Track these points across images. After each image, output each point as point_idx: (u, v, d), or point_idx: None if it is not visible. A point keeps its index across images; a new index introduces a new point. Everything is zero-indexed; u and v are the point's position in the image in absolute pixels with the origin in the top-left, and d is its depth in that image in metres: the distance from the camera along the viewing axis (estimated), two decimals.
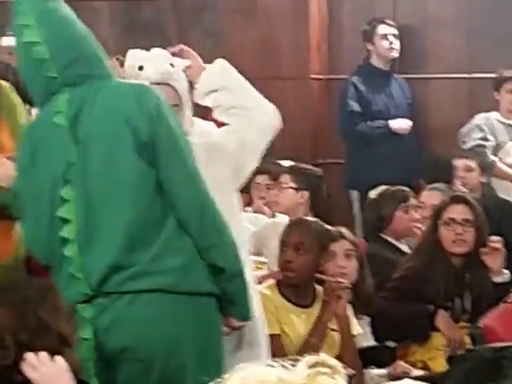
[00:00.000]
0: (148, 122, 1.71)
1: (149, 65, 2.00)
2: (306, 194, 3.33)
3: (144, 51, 2.07)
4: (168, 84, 2.00)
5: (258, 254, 3.21)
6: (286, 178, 3.35)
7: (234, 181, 2.11)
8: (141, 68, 2.00)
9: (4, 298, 1.65)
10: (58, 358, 1.58)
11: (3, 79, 2.17)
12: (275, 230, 2.97)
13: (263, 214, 3.53)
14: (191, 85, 2.12)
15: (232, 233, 1.83)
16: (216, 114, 2.12)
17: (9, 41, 3.10)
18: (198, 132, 2.19)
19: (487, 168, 3.66)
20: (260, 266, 3.18)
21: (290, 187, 3.29)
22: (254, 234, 3.20)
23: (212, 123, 2.60)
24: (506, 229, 3.11)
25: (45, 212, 1.76)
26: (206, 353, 1.78)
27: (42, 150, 1.81)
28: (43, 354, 1.57)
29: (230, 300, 1.81)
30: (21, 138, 1.91)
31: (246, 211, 3.41)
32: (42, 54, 1.71)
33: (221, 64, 2.09)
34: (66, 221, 1.73)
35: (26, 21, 1.74)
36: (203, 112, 2.24)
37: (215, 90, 2.07)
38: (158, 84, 1.96)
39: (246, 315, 1.85)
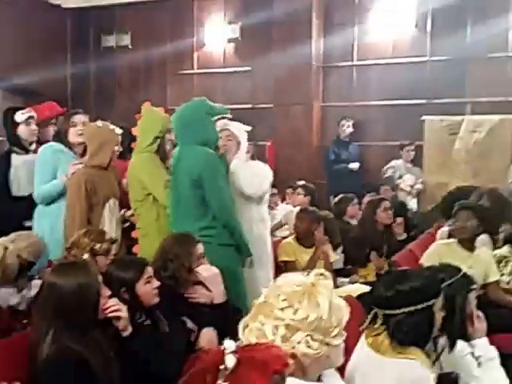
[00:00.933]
0: (199, 171, 3.13)
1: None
2: (308, 197, 5.44)
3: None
4: (228, 129, 3.48)
5: (286, 223, 5.28)
6: (300, 190, 5.56)
7: (252, 201, 3.50)
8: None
9: (182, 241, 2.86)
10: (213, 267, 2.81)
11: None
12: (293, 213, 4.65)
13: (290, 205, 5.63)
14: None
15: (238, 221, 3.24)
16: None
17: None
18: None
19: (395, 187, 6.30)
20: (286, 230, 5.18)
21: (302, 194, 5.54)
22: (285, 214, 5.31)
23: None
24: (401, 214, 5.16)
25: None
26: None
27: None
28: (207, 266, 2.81)
29: (237, 247, 3.26)
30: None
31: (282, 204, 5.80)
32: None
33: None
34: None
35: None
36: None
37: None
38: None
39: (246, 253, 3.28)
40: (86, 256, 2.84)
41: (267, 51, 7.20)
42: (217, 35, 7.75)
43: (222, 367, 1.18)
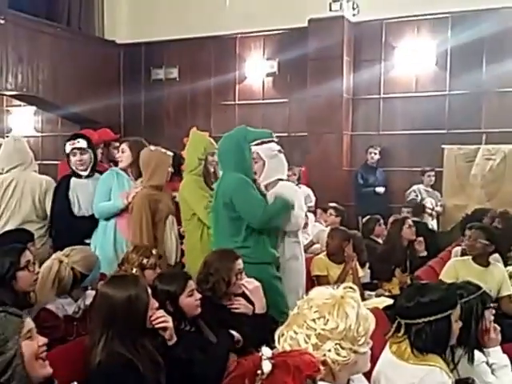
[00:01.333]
0: (230, 195, 3.25)
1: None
2: (339, 218, 5.76)
3: None
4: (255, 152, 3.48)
5: (317, 242, 5.47)
6: (331, 211, 5.92)
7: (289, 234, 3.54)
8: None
9: (222, 257, 2.94)
10: (255, 281, 2.86)
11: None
12: (324, 233, 4.94)
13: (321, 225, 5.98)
14: None
15: (269, 211, 3.26)
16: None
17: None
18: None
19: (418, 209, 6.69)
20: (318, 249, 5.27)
21: (333, 215, 5.90)
22: (316, 233, 5.54)
23: None
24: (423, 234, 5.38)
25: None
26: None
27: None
28: (250, 279, 2.84)
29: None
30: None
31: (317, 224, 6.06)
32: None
33: None
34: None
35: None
36: None
37: None
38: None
39: (288, 207, 3.34)
40: (134, 270, 2.95)
41: (302, 84, 7.77)
42: (256, 70, 8.24)
43: (259, 372, 1.21)
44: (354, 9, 7.69)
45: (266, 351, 1.25)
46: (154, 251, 3.14)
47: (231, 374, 1.29)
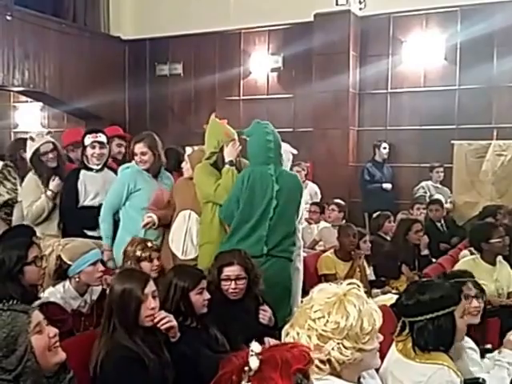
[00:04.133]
0: (299, 192, 3.49)
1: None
2: (341, 213, 5.88)
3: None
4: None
5: (320, 240, 5.62)
6: (333, 206, 5.93)
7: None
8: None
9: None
10: None
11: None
12: (329, 230, 5.47)
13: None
14: None
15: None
16: None
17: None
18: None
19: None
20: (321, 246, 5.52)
21: (336, 211, 5.94)
22: (319, 231, 5.64)
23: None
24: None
25: (258, 213, 3.29)
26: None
27: (259, 185, 3.26)
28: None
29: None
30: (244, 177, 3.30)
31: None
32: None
33: None
34: (271, 218, 3.30)
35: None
36: None
37: None
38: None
39: None
40: (129, 263, 3.03)
41: (307, 80, 7.70)
42: (261, 65, 8.21)
43: (246, 368, 1.18)
44: (360, 3, 7.60)
45: (255, 347, 1.21)
46: (149, 244, 3.16)
47: (222, 369, 1.27)
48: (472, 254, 4.18)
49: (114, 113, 8.52)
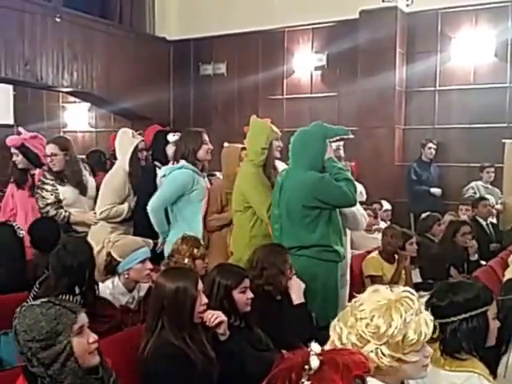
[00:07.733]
0: (312, 194, 3.23)
1: None
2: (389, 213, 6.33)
3: None
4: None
5: None
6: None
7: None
8: None
9: (276, 250, 3.02)
10: (295, 278, 2.96)
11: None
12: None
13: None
14: None
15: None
16: None
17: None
18: None
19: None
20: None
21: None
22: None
23: None
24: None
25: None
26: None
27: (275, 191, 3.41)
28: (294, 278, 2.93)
29: None
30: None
31: None
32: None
33: None
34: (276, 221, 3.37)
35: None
36: None
37: None
38: None
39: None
40: (186, 261, 3.04)
41: (352, 77, 7.60)
42: (305, 64, 8.16)
43: (306, 367, 1.19)
44: None
45: (314, 347, 1.21)
46: (202, 242, 3.23)
47: (278, 366, 1.25)
48: None
49: (159, 112, 8.62)
